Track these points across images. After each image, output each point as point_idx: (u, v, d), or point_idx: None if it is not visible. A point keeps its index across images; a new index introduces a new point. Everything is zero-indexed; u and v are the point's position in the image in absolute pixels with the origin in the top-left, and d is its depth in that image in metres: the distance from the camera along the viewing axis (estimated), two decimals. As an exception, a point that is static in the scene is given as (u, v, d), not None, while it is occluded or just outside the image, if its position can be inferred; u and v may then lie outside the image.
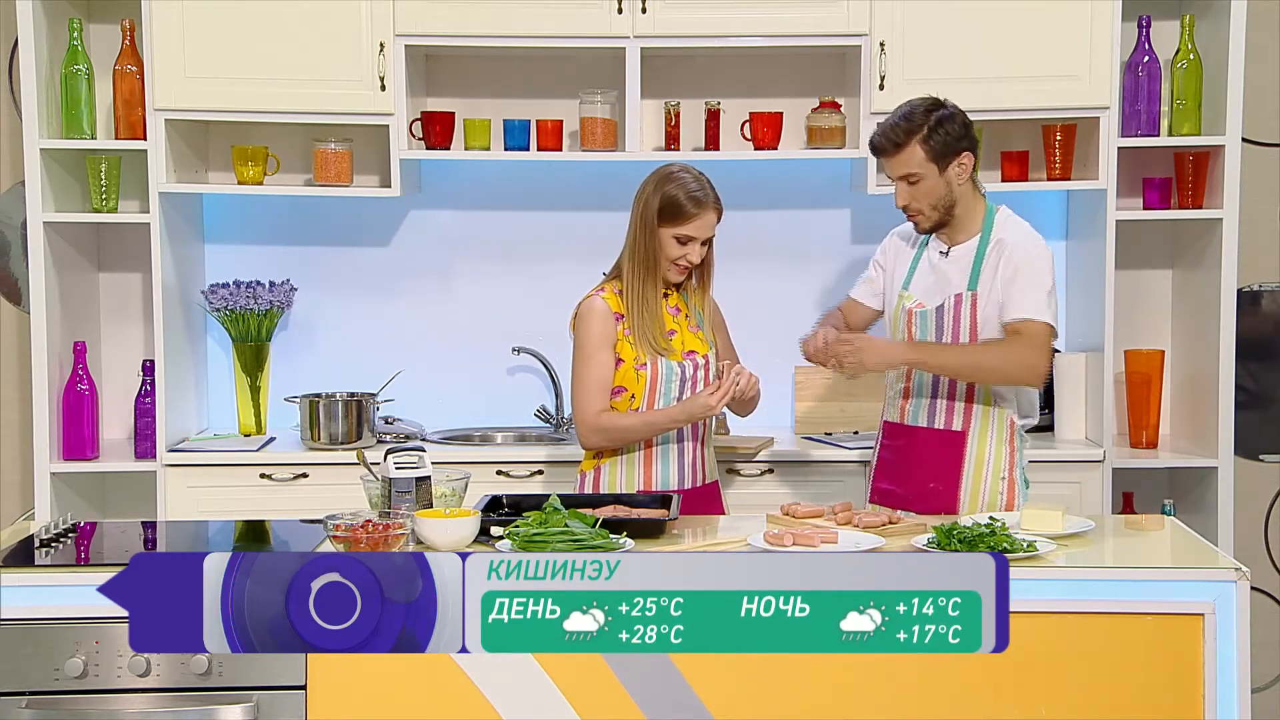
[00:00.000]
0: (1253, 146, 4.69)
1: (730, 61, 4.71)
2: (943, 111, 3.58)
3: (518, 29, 4.36)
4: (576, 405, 3.61)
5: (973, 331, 3.59)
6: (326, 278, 4.80)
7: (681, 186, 3.57)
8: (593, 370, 3.59)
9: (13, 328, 4.78)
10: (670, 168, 3.64)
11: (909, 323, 3.67)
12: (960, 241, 3.65)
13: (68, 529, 3.32)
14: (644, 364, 3.59)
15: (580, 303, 3.66)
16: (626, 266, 3.63)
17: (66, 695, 2.91)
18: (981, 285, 3.60)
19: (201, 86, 4.34)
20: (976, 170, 4.50)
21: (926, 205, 3.59)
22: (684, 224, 3.56)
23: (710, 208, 3.58)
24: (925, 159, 3.55)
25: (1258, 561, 4.77)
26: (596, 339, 3.59)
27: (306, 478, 4.37)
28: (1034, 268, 3.56)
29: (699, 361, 3.65)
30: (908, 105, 3.62)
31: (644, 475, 3.64)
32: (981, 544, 2.99)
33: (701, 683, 2.91)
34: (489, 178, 4.79)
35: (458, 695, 2.91)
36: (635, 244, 3.62)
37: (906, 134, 3.55)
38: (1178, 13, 4.58)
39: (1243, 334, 4.61)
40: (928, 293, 3.67)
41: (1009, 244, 3.59)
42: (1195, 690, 2.89)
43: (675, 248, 3.58)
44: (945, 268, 3.66)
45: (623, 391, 3.61)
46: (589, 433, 3.60)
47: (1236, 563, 2.97)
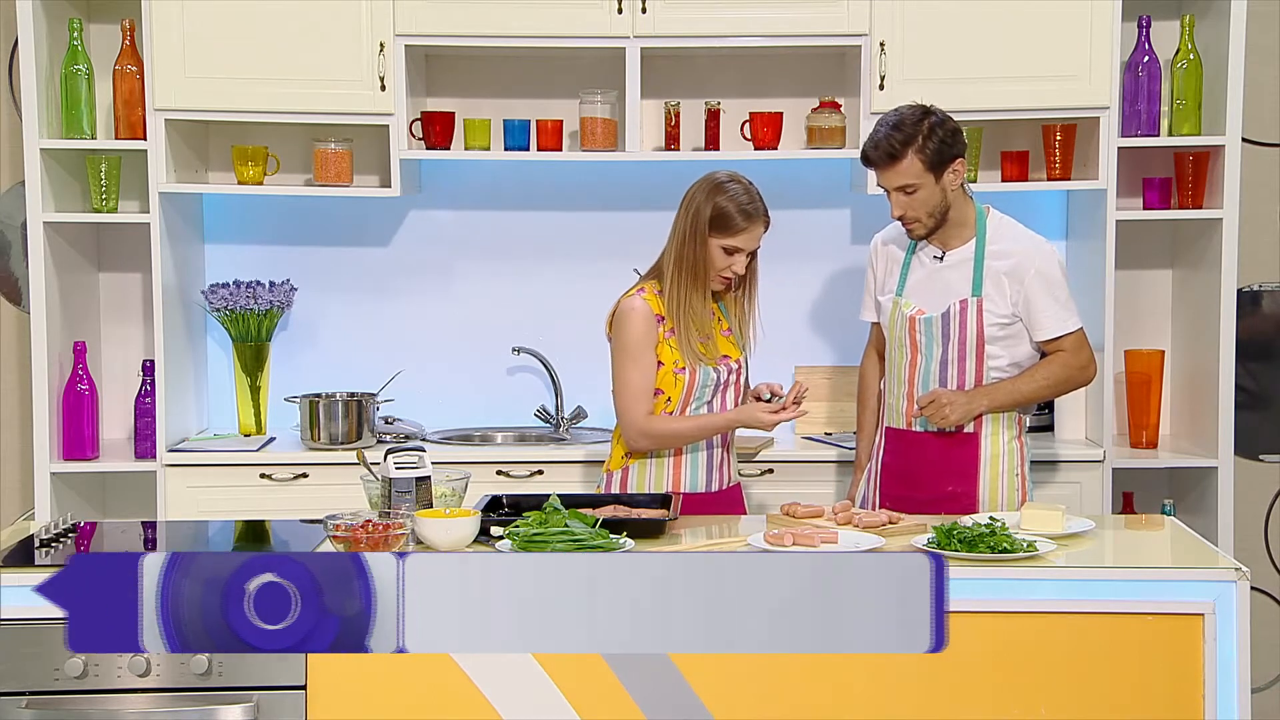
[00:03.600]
0: (1253, 146, 4.69)
1: (730, 61, 4.71)
2: (934, 119, 3.56)
3: (518, 29, 4.36)
4: (622, 408, 3.59)
5: (979, 337, 3.60)
6: (326, 278, 4.80)
7: (733, 199, 3.56)
8: (637, 372, 3.56)
9: (13, 328, 4.78)
10: (719, 176, 3.61)
11: (912, 329, 3.66)
12: (955, 246, 3.66)
13: (68, 529, 3.32)
14: (683, 368, 3.58)
15: (619, 301, 3.64)
16: (670, 271, 3.60)
17: (66, 695, 2.91)
18: (986, 290, 3.61)
19: (201, 86, 4.34)
20: (975, 174, 4.52)
21: (923, 213, 3.59)
22: (733, 236, 3.55)
23: (760, 221, 3.59)
24: (922, 169, 3.54)
25: (1258, 561, 4.77)
26: (640, 341, 3.57)
27: (306, 478, 4.37)
28: (1051, 283, 3.62)
29: (732, 366, 3.65)
30: (895, 115, 3.59)
31: (673, 477, 3.63)
32: (981, 544, 2.99)
33: (701, 683, 2.91)
34: (489, 178, 4.79)
35: (458, 695, 2.91)
36: (682, 251, 3.58)
37: (902, 145, 3.53)
38: (1178, 13, 4.58)
39: (1243, 334, 4.61)
40: (928, 298, 3.67)
41: (1015, 258, 3.62)
42: (1195, 690, 2.89)
43: (722, 258, 3.57)
44: (944, 273, 3.66)
45: (659, 394, 3.59)
46: (638, 436, 3.58)
47: (1236, 563, 2.97)
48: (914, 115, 3.56)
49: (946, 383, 3.65)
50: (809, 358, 4.77)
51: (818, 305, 4.79)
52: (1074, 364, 3.66)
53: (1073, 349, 3.66)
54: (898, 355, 3.72)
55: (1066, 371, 3.66)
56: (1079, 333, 3.67)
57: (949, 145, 3.55)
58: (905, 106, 3.62)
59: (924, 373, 3.67)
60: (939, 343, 3.63)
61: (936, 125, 3.55)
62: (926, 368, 3.66)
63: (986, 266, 3.62)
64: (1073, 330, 3.66)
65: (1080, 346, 3.67)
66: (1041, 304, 3.61)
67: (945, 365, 3.64)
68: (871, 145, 3.58)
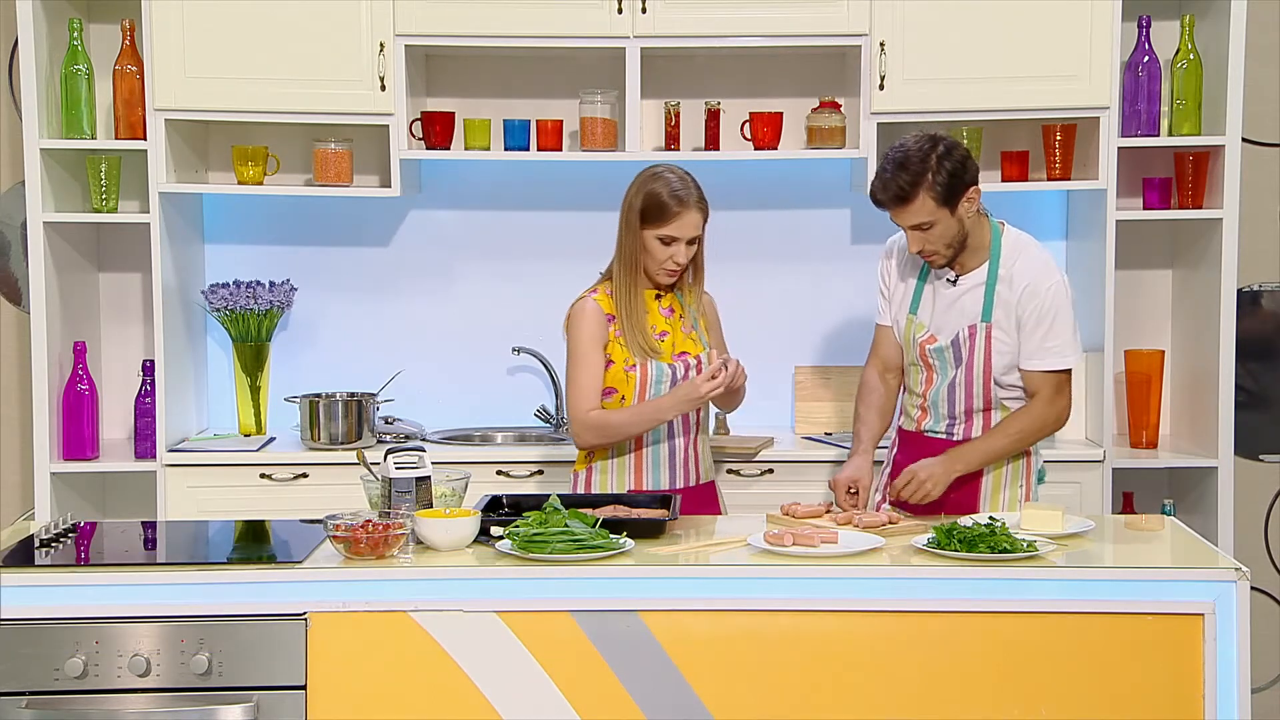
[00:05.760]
0: (1253, 146, 4.69)
1: (730, 61, 4.71)
2: (941, 149, 3.42)
3: (518, 29, 4.36)
4: (570, 405, 3.63)
5: (987, 362, 3.56)
6: (326, 278, 4.80)
7: (665, 185, 3.56)
8: (584, 371, 3.59)
9: (13, 328, 4.78)
10: (655, 168, 3.63)
11: (923, 355, 3.63)
12: (972, 267, 3.57)
13: (68, 529, 3.32)
14: (633, 365, 3.59)
15: (573, 304, 3.67)
16: (615, 268, 3.64)
17: (66, 695, 2.91)
18: (995, 317, 3.55)
19: (201, 86, 4.34)
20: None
21: (941, 246, 3.49)
22: (667, 224, 3.55)
23: (693, 207, 3.55)
24: (935, 205, 3.42)
25: (1258, 561, 4.77)
26: (588, 340, 3.60)
27: (306, 478, 4.37)
28: (1054, 317, 3.52)
29: (690, 363, 3.64)
30: (900, 151, 3.44)
31: (635, 474, 3.64)
32: (981, 544, 2.99)
33: (701, 683, 2.91)
34: (489, 178, 4.79)
35: (458, 695, 2.91)
36: (621, 245, 3.62)
37: (911, 185, 3.39)
38: (1178, 13, 4.58)
39: (1243, 334, 4.61)
40: (940, 322, 3.61)
41: (1023, 283, 3.52)
42: (1195, 690, 2.89)
43: (660, 249, 3.57)
44: (956, 297, 3.59)
45: (613, 393, 3.61)
46: (582, 430, 3.61)
47: (1236, 563, 2.97)
48: (920, 150, 3.42)
49: (955, 404, 3.62)
50: (809, 358, 4.77)
51: (818, 305, 4.79)
52: (1048, 415, 3.55)
53: (1053, 389, 3.54)
54: (912, 371, 3.70)
55: (1039, 424, 3.55)
56: (1064, 374, 3.55)
57: (960, 175, 3.42)
58: (910, 138, 3.47)
59: (936, 390, 3.65)
60: (951, 369, 3.61)
61: (944, 157, 3.41)
62: (938, 386, 3.64)
63: (996, 293, 3.55)
64: (1056, 369, 3.54)
65: (1060, 390, 3.55)
66: (1041, 333, 3.52)
67: (954, 388, 3.61)
68: (880, 186, 3.45)
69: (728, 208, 4.63)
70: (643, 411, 3.57)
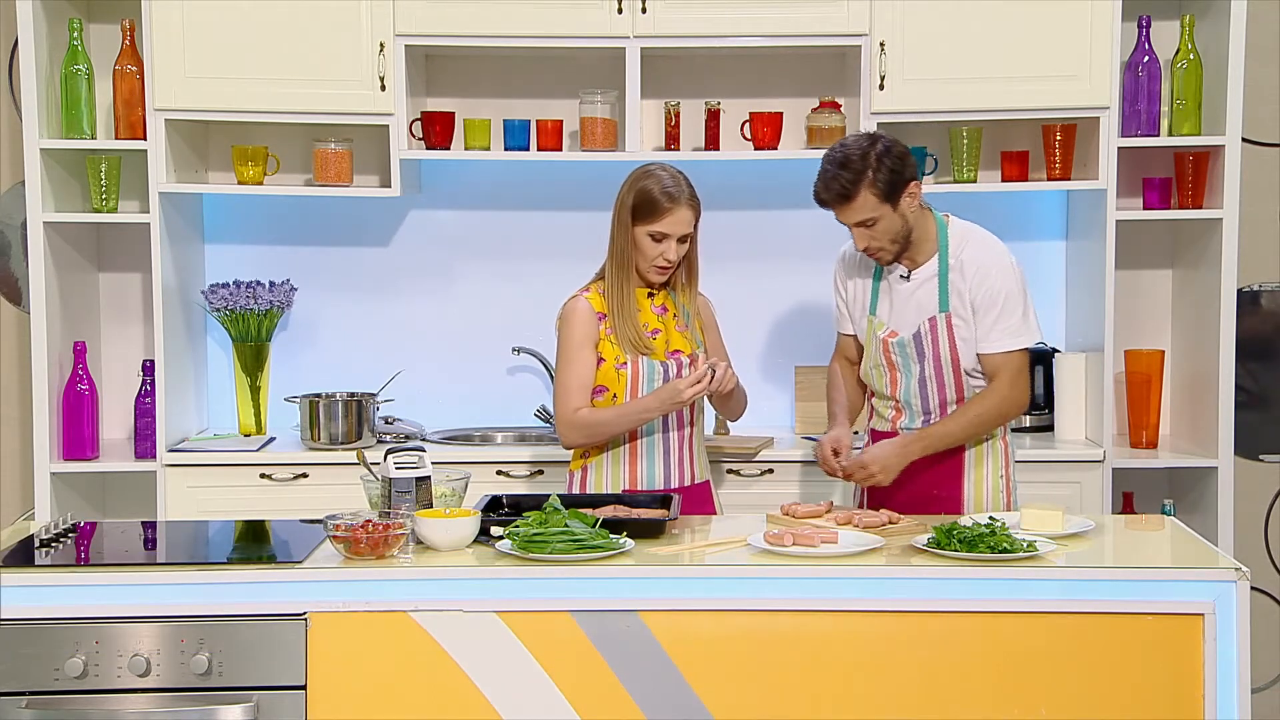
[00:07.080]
0: (1253, 146, 4.69)
1: (730, 61, 4.71)
2: (880, 147, 3.49)
3: (518, 29, 4.36)
4: (556, 404, 3.64)
5: (953, 351, 3.59)
6: (326, 278, 4.80)
7: (656, 181, 3.57)
8: (572, 370, 3.60)
9: (13, 328, 4.78)
10: (647, 167, 3.65)
11: (886, 350, 3.65)
12: (920, 263, 3.62)
13: (68, 529, 3.32)
14: (624, 363, 3.59)
15: (565, 303, 3.67)
16: (608, 265, 3.65)
17: (66, 695, 2.91)
18: (952, 305, 3.59)
19: (201, 86, 4.34)
20: (975, 174, 4.51)
21: (886, 242, 3.55)
22: (657, 220, 3.55)
23: (684, 204, 3.56)
24: (878, 201, 3.48)
25: (1258, 561, 4.77)
26: (578, 339, 3.60)
27: (306, 478, 4.37)
28: (1004, 298, 3.56)
29: (683, 361, 3.64)
30: (841, 151, 3.51)
31: (629, 473, 3.64)
32: (981, 544, 2.99)
33: (701, 683, 2.91)
34: (489, 178, 4.79)
35: (458, 695, 2.91)
36: (613, 242, 3.63)
37: (852, 183, 3.47)
38: (1178, 13, 4.58)
39: (1243, 334, 4.61)
40: (899, 319, 3.64)
41: (973, 268, 3.57)
42: (1195, 690, 2.89)
43: (651, 246, 3.57)
44: (911, 292, 3.63)
45: (604, 391, 3.61)
46: (567, 430, 3.61)
47: (1236, 563, 2.97)
48: (859, 148, 3.49)
49: (928, 399, 3.64)
50: (809, 358, 4.77)
51: (818, 305, 4.78)
52: (1008, 396, 3.57)
53: (1009, 375, 3.57)
54: (876, 375, 3.71)
55: (998, 407, 3.57)
56: (1021, 357, 3.59)
57: (900, 171, 3.49)
58: (850, 138, 3.56)
59: (905, 389, 3.66)
60: (915, 361, 3.62)
61: (884, 154, 3.48)
62: (907, 384, 3.65)
63: (950, 282, 3.59)
64: (1012, 349, 3.57)
65: (1017, 374, 3.58)
66: (992, 316, 3.55)
67: (924, 383, 3.63)
68: (822, 186, 3.53)
69: (728, 208, 4.64)
70: (627, 410, 3.57)
